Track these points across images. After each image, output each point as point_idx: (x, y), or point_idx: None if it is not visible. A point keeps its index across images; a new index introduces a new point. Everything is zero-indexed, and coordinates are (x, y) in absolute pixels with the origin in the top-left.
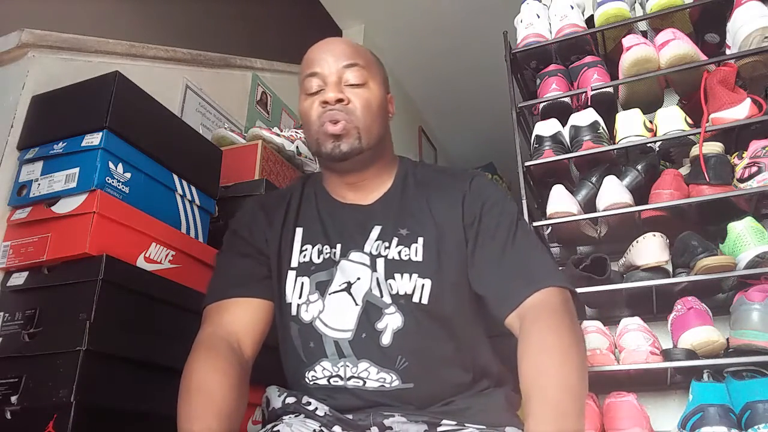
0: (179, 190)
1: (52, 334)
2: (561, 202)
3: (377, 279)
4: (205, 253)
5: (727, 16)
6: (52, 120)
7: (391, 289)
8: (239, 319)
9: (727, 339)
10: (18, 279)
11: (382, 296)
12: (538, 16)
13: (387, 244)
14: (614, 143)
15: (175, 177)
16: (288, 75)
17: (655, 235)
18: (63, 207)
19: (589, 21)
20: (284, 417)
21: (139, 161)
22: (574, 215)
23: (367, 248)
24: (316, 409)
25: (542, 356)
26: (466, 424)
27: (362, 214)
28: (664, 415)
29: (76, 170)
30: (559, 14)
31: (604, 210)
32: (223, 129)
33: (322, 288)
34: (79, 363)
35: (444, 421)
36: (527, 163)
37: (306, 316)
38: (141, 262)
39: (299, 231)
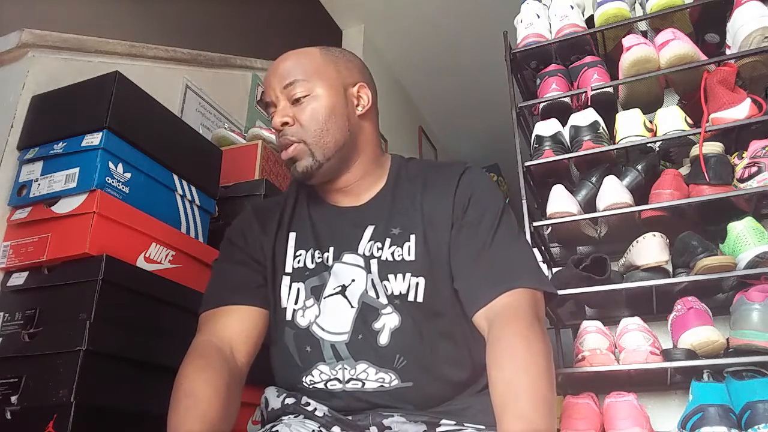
0: (179, 190)
1: (52, 334)
2: (561, 202)
3: (372, 280)
4: (205, 253)
5: (727, 16)
6: (52, 120)
7: (386, 290)
8: (234, 326)
9: (727, 339)
10: (18, 279)
11: (378, 297)
12: (538, 16)
13: (380, 244)
14: (614, 143)
15: (175, 177)
16: None
17: (655, 235)
18: (63, 207)
19: (589, 21)
20: (283, 417)
21: (139, 161)
22: (574, 215)
23: (360, 249)
24: (315, 409)
25: (513, 367)
26: (465, 424)
27: (355, 216)
28: (664, 415)
29: (76, 170)
30: (559, 14)
31: (604, 210)
32: (223, 129)
33: (317, 293)
34: (79, 363)
35: (443, 421)
36: (527, 163)
37: (302, 321)
38: (141, 262)
39: (292, 236)
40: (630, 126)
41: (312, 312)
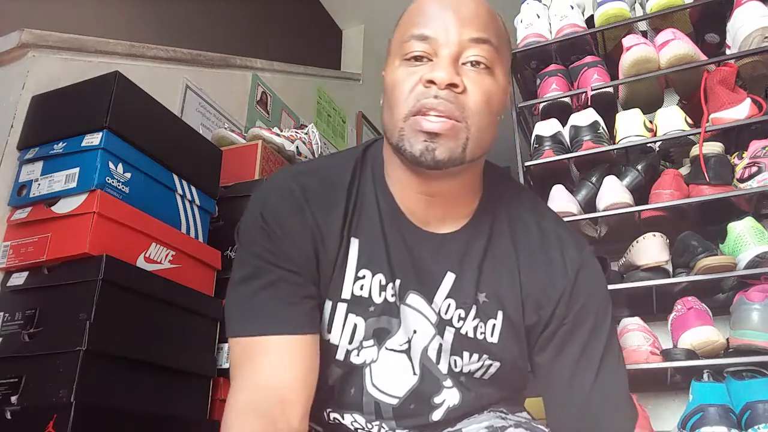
0: (179, 190)
1: (52, 334)
2: (561, 202)
3: (440, 345)
4: (205, 253)
5: (727, 16)
6: (52, 120)
7: (454, 366)
8: (282, 370)
9: (727, 339)
10: (18, 279)
11: (438, 364)
12: (538, 16)
13: (462, 313)
14: (614, 143)
15: (175, 177)
16: (288, 75)
17: (655, 235)
18: (63, 207)
19: (589, 21)
20: None
21: (139, 161)
22: (574, 215)
23: (436, 301)
24: None
25: None
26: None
27: (437, 246)
28: (664, 415)
29: (76, 170)
30: (559, 14)
31: (604, 210)
32: (223, 129)
33: (379, 335)
34: (79, 363)
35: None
36: (527, 163)
37: (356, 360)
38: (141, 262)
39: (354, 244)
40: (630, 126)
41: (369, 354)
